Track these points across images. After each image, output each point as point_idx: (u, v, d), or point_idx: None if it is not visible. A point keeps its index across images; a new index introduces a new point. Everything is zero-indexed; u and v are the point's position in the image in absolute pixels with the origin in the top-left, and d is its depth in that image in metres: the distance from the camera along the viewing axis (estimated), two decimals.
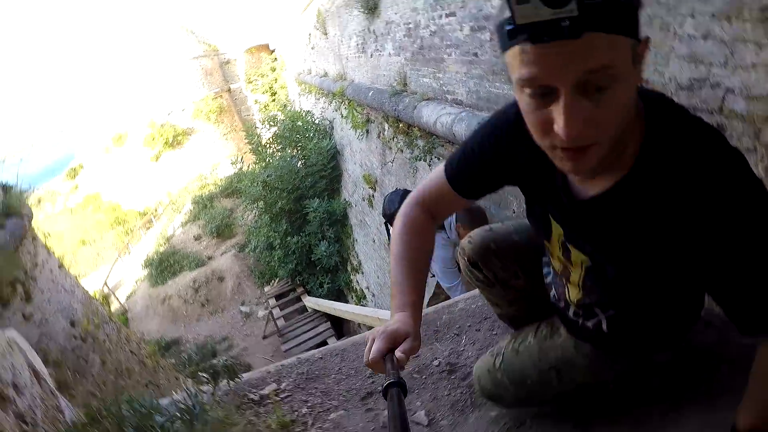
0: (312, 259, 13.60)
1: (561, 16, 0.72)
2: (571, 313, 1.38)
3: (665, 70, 2.02)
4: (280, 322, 13.50)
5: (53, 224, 25.52)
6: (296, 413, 2.18)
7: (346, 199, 12.85)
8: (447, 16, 5.50)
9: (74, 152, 34.60)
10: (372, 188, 9.68)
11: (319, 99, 13.99)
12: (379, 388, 2.18)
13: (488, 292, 1.84)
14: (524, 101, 0.86)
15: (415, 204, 1.39)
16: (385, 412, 2.07)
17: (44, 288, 6.32)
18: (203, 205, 22.36)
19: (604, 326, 1.31)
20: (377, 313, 6.93)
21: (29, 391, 1.98)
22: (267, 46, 25.08)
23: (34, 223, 7.55)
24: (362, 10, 7.94)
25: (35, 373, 2.13)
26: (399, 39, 7.03)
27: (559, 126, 0.82)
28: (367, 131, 9.20)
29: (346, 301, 12.97)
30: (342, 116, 10.91)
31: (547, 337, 1.57)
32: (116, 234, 25.16)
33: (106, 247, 24.53)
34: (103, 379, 5.27)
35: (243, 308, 16.08)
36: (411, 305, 1.19)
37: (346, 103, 10.38)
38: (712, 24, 1.77)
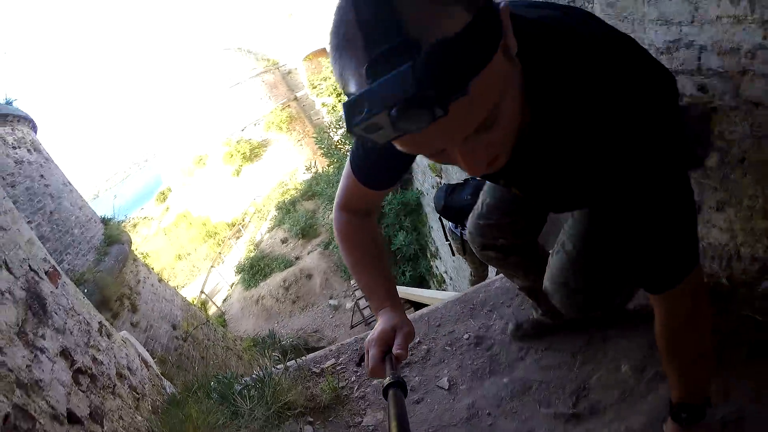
0: (392, 249, 13.80)
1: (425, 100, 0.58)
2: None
3: (644, 36, 1.97)
4: (366, 312, 13.85)
5: (151, 245, 27.18)
6: (346, 381, 2.61)
7: (418, 188, 12.96)
8: None
9: (161, 177, 36.28)
10: (438, 176, 9.85)
11: None
12: (414, 359, 2.57)
13: (507, 267, 2.02)
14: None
15: (340, 210, 1.35)
16: (416, 378, 2.44)
17: (147, 299, 7.13)
18: (286, 210, 23.01)
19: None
20: (454, 296, 6.96)
21: (139, 373, 2.49)
22: (324, 50, 25.49)
23: (133, 246, 8.41)
24: None
25: (144, 361, 2.65)
26: None
27: (462, 166, 0.76)
28: None
29: (428, 287, 13.14)
30: None
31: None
32: (209, 246, 26.41)
33: (201, 258, 25.83)
34: (203, 372, 5.88)
35: (331, 302, 16.57)
36: (386, 299, 1.22)
37: None
38: None
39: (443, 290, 11.27)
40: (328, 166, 17.07)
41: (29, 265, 1.88)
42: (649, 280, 1.07)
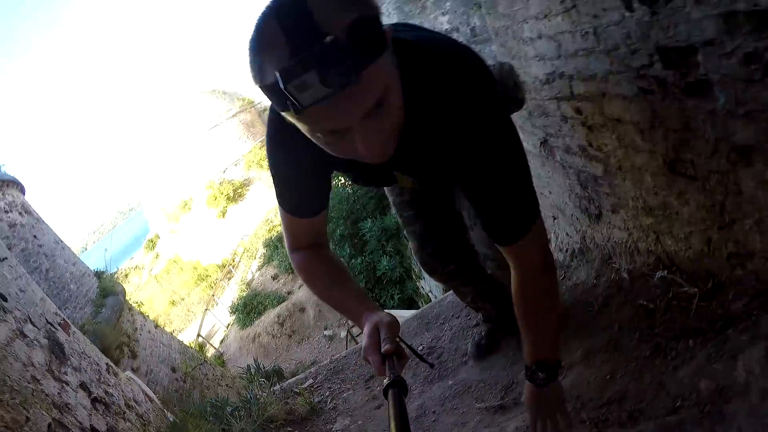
0: (377, 275, 14.04)
1: (337, 75, 0.77)
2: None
3: (529, 71, 2.28)
4: (360, 339, 13.93)
5: (144, 293, 27.06)
6: (321, 396, 3.06)
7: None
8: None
9: (148, 225, 36.63)
10: None
11: None
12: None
13: (454, 282, 2.34)
14: (319, 141, 0.95)
15: (293, 253, 1.42)
16: (378, 388, 2.85)
17: (145, 346, 7.41)
18: (274, 246, 22.98)
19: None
20: (413, 313, 7.28)
21: (144, 404, 2.92)
22: None
23: (127, 296, 8.67)
24: None
25: (147, 396, 3.07)
26: None
27: (360, 151, 0.91)
28: None
29: (417, 307, 13.38)
30: None
31: None
32: (201, 289, 26.48)
33: (195, 302, 25.91)
34: (199, 406, 6.11)
35: (326, 332, 16.69)
36: (360, 307, 1.24)
37: None
38: (539, 24, 2.00)
39: None
40: None
41: (46, 319, 2.28)
42: (501, 231, 1.26)
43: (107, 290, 7.76)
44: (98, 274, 8.46)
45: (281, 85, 0.78)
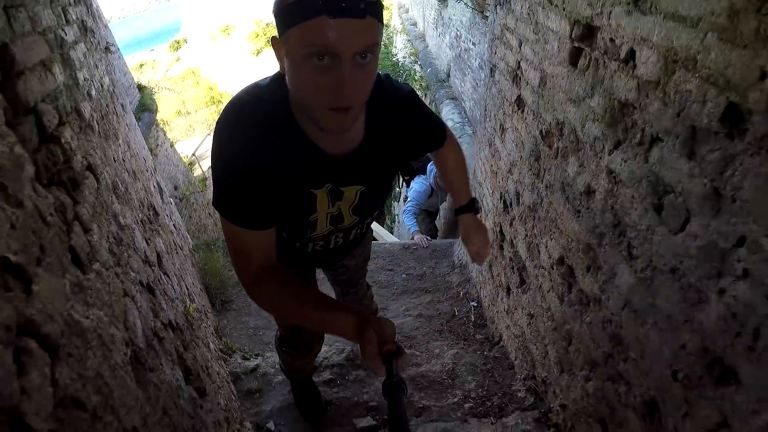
0: None
1: (360, 1, 0.95)
2: (332, 242, 1.68)
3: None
4: None
5: (155, 94, 27.05)
6: None
7: None
8: (471, 43, 6.58)
9: (180, 26, 35.41)
10: None
11: (406, 45, 13.28)
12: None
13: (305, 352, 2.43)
14: (308, 69, 1.02)
15: (251, 286, 1.32)
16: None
17: (161, 161, 8.16)
18: None
19: (358, 231, 1.73)
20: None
21: (182, 229, 4.11)
22: None
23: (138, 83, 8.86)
24: None
25: (179, 221, 4.38)
26: (451, 38, 8.06)
27: (339, 86, 1.02)
28: None
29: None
30: (409, 75, 11.17)
31: None
32: (210, 112, 26.25)
33: (199, 121, 25.74)
34: (188, 230, 6.96)
35: None
36: (346, 314, 1.23)
37: (417, 66, 10.95)
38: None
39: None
40: None
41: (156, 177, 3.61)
42: (438, 138, 1.64)
43: (146, 106, 8.17)
44: (140, 87, 8.76)
45: None
